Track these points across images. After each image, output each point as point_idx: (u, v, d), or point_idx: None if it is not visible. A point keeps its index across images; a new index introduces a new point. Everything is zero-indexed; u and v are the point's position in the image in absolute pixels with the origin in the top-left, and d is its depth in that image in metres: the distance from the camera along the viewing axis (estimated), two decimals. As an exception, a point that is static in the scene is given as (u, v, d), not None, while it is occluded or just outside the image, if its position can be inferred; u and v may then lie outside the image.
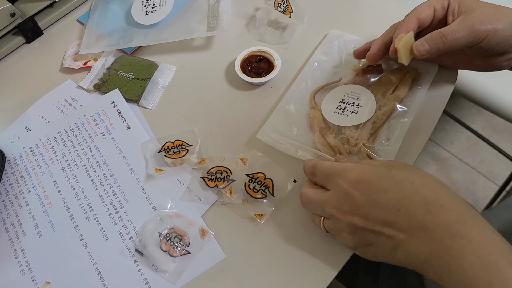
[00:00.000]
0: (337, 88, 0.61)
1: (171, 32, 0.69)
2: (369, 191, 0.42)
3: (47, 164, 0.60)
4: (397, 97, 0.59)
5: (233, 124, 0.63)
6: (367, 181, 0.42)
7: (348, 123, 0.58)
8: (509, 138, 1.57)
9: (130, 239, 0.54)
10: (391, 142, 0.57)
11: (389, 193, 0.41)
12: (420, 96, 0.60)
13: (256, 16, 0.71)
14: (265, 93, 0.65)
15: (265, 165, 0.58)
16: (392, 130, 0.58)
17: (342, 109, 0.59)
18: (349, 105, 0.59)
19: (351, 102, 0.59)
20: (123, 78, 0.66)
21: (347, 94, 0.60)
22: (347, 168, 0.44)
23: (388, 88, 0.60)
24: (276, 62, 0.65)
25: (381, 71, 0.63)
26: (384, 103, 0.59)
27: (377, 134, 0.58)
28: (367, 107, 0.58)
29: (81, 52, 0.69)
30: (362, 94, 0.59)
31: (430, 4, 0.53)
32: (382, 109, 0.58)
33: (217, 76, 0.67)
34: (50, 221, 0.56)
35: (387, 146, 0.57)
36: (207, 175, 0.57)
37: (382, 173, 0.43)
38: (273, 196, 0.55)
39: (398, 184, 0.41)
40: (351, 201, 0.43)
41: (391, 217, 0.40)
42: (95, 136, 0.62)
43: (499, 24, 0.49)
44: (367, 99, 0.59)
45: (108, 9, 0.74)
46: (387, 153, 0.56)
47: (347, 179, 0.43)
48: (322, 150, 0.57)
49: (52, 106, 0.66)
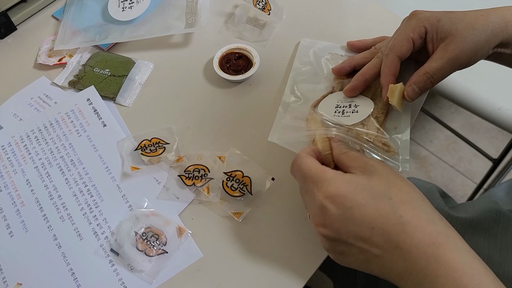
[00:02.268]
0: (328, 97, 0.60)
1: (148, 28, 0.68)
2: (344, 207, 0.40)
3: (20, 163, 0.59)
4: None
5: (211, 121, 0.62)
6: (342, 196, 0.40)
7: (353, 121, 0.57)
8: (486, 136, 1.60)
9: (105, 238, 0.53)
10: (400, 129, 0.56)
11: (364, 209, 0.40)
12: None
13: (235, 13, 0.70)
14: (244, 90, 0.65)
15: (243, 163, 0.57)
16: (397, 119, 0.58)
17: (341, 112, 0.58)
18: (346, 107, 0.58)
19: (348, 105, 0.58)
20: (99, 75, 0.65)
21: (339, 100, 0.59)
22: (325, 178, 0.42)
23: (376, 87, 0.60)
24: (255, 60, 0.64)
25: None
26: (378, 100, 0.59)
27: (384, 128, 0.57)
28: (365, 105, 0.58)
29: (55, 48, 0.68)
30: (354, 98, 0.59)
31: (407, 36, 0.52)
32: (378, 104, 0.58)
33: (195, 73, 0.67)
34: (22, 221, 0.55)
35: (398, 134, 0.56)
36: (185, 174, 0.56)
37: (361, 186, 0.41)
38: (251, 194, 0.54)
39: (375, 200, 0.40)
40: (324, 214, 0.41)
41: (365, 234, 0.40)
42: (69, 134, 0.61)
43: (480, 40, 0.49)
44: (362, 99, 0.58)
45: (84, 4, 0.73)
46: (401, 139, 0.55)
47: (323, 192, 0.41)
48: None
49: (25, 103, 0.64)
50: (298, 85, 0.63)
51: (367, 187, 0.41)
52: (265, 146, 0.59)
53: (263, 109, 0.63)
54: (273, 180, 0.56)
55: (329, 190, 0.41)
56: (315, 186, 0.42)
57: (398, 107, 0.54)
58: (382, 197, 0.40)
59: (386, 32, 0.69)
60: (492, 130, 1.61)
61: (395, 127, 0.57)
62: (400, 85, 0.53)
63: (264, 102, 0.63)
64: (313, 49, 0.66)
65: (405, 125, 0.57)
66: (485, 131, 1.61)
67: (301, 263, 0.51)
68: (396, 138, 0.56)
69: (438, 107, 1.66)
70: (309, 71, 0.64)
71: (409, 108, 0.59)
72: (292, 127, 0.58)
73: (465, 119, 1.64)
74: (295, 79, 0.63)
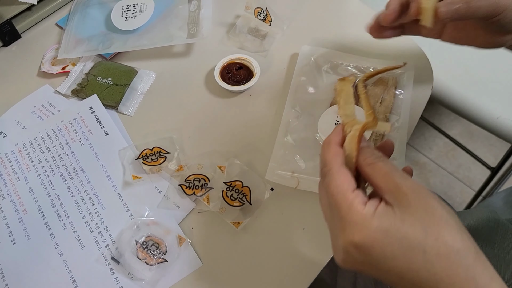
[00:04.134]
0: (328, 110, 0.61)
1: (151, 38, 0.69)
2: (370, 256, 0.35)
3: (23, 171, 0.60)
4: (387, 108, 0.60)
5: (211, 131, 0.63)
6: (369, 247, 0.35)
7: None
8: (485, 144, 1.61)
9: (106, 247, 0.54)
10: (395, 155, 0.57)
11: (393, 262, 0.35)
12: (407, 102, 0.62)
13: (236, 23, 0.71)
14: (244, 100, 0.66)
15: (243, 173, 0.58)
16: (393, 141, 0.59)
17: None
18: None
19: None
20: (101, 84, 0.66)
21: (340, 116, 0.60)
22: (351, 221, 0.36)
23: (375, 101, 0.61)
24: (256, 70, 0.65)
25: (364, 86, 0.63)
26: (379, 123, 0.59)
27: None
28: None
29: (59, 56, 0.69)
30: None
31: None
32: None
33: (197, 83, 0.67)
34: (24, 229, 0.56)
35: (393, 160, 0.57)
36: (185, 183, 0.57)
37: (392, 234, 0.35)
38: (250, 204, 0.55)
39: (407, 253, 0.34)
40: (346, 255, 0.36)
41: (392, 280, 0.35)
42: (72, 142, 0.61)
43: None
44: (361, 115, 0.59)
45: (88, 13, 0.74)
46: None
47: (345, 237, 0.36)
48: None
49: (28, 111, 0.65)
50: (299, 98, 0.64)
51: (399, 236, 0.35)
52: (264, 156, 0.60)
53: (264, 119, 0.63)
54: (272, 191, 0.56)
55: (354, 238, 0.35)
56: (339, 222, 0.37)
57: (429, 18, 0.47)
58: (415, 250, 0.34)
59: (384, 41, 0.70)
60: (491, 137, 1.61)
61: (393, 157, 0.58)
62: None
63: (265, 112, 0.64)
64: (313, 57, 0.67)
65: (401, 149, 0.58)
66: (484, 139, 1.62)
67: (299, 272, 0.52)
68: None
69: (437, 114, 1.67)
70: (309, 82, 0.65)
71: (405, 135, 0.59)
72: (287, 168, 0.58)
73: (464, 127, 1.64)
74: (295, 91, 0.64)
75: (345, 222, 0.36)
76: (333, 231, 0.38)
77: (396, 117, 0.61)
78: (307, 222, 0.55)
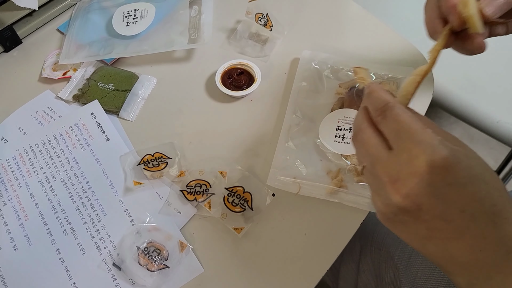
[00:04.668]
0: (329, 115, 0.61)
1: (152, 43, 0.69)
2: (444, 182, 0.33)
3: (24, 176, 0.59)
4: None
5: (213, 136, 0.63)
6: (448, 169, 0.33)
7: (352, 151, 0.57)
8: (485, 147, 1.61)
9: (107, 253, 0.54)
10: None
11: (462, 190, 0.33)
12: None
13: (237, 28, 0.72)
14: (245, 106, 0.66)
15: (244, 178, 0.58)
16: None
17: (342, 137, 0.58)
18: (347, 131, 0.59)
19: (348, 128, 0.59)
20: (103, 89, 0.66)
21: (341, 120, 0.60)
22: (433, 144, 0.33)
23: None
24: (257, 76, 0.65)
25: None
26: None
27: None
28: None
29: (60, 62, 0.69)
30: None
31: None
32: None
33: (198, 88, 0.68)
34: (26, 235, 0.55)
35: None
36: (186, 189, 0.57)
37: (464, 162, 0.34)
38: (252, 210, 0.55)
39: (473, 181, 0.34)
40: (414, 183, 0.33)
41: (450, 215, 0.34)
42: (73, 148, 0.61)
43: None
44: None
45: (89, 19, 0.74)
46: None
47: (428, 158, 0.33)
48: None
49: (30, 117, 0.65)
50: (300, 103, 0.64)
51: (468, 166, 0.34)
52: (265, 162, 0.60)
53: (265, 124, 0.63)
54: (273, 196, 0.56)
55: (435, 158, 0.33)
56: (415, 145, 0.34)
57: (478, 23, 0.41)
58: (479, 179, 0.34)
59: (384, 46, 0.70)
60: (491, 141, 1.61)
61: None
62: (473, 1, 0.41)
63: (266, 118, 0.64)
64: (314, 62, 0.67)
65: None
66: (484, 142, 1.62)
67: (301, 279, 0.52)
68: None
69: (437, 117, 1.67)
70: (310, 87, 0.65)
71: None
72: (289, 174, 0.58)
73: (464, 130, 1.64)
74: (296, 96, 0.64)
75: (424, 139, 0.34)
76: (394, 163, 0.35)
77: None
78: (309, 228, 0.55)
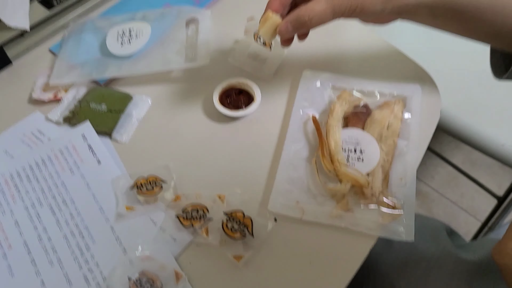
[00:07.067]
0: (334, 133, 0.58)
1: (147, 63, 0.67)
2: None
3: (8, 202, 0.56)
4: (394, 132, 0.58)
5: (210, 158, 0.60)
6: None
7: (359, 172, 0.55)
8: (488, 172, 1.58)
9: (96, 285, 0.49)
10: (405, 182, 0.54)
11: None
12: (415, 125, 0.59)
13: (236, 47, 0.69)
14: (245, 126, 0.63)
15: (244, 203, 0.54)
16: (402, 168, 0.56)
17: (346, 158, 0.56)
18: (351, 152, 0.56)
19: (352, 149, 0.56)
20: (95, 110, 0.63)
21: (345, 140, 0.57)
22: None
23: (382, 126, 0.58)
24: (256, 95, 0.63)
25: (369, 110, 0.61)
26: (384, 142, 0.57)
27: (388, 178, 0.55)
28: (371, 151, 0.56)
29: (51, 82, 0.66)
30: (360, 138, 0.57)
31: None
32: (384, 149, 0.56)
33: (195, 109, 0.65)
34: (8, 265, 0.51)
35: (403, 187, 0.54)
36: (182, 214, 0.53)
37: None
38: (252, 236, 0.51)
39: None
40: None
41: None
42: (62, 172, 0.58)
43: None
44: (368, 141, 0.57)
45: (82, 39, 0.71)
46: (406, 194, 0.53)
47: None
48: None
49: (17, 140, 0.61)
50: (300, 124, 0.61)
51: None
52: (266, 185, 0.56)
53: (265, 145, 0.60)
54: (275, 221, 0.53)
55: None
56: None
57: (265, 37, 0.54)
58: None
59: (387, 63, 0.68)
60: (493, 166, 1.59)
61: (400, 178, 0.55)
62: (276, 17, 0.53)
63: (266, 138, 0.61)
64: (315, 81, 0.65)
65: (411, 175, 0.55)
66: (487, 167, 1.59)
67: (306, 311, 0.48)
68: (401, 193, 0.54)
69: (438, 142, 1.65)
70: (311, 107, 0.63)
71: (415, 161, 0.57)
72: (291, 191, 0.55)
73: (465, 155, 1.62)
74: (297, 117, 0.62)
75: None
76: None
77: (404, 142, 0.58)
78: (314, 256, 0.51)
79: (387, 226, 0.52)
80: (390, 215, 0.52)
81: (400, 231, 0.51)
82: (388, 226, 0.52)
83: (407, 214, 0.52)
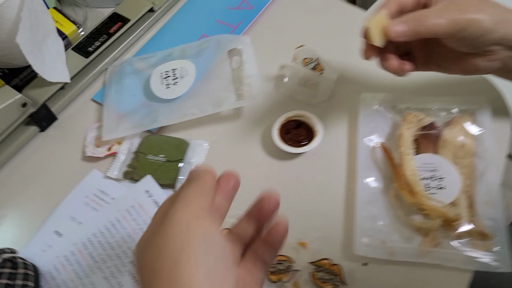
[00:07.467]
0: (406, 161, 0.56)
1: (197, 104, 0.64)
2: None
3: (87, 274, 0.55)
4: (469, 151, 0.55)
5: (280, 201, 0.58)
6: None
7: (441, 202, 0.53)
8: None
9: None
10: (492, 205, 0.52)
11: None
12: (489, 140, 0.57)
13: (285, 75, 0.66)
14: (309, 161, 0.61)
15: (327, 248, 0.53)
16: (485, 189, 0.53)
17: (427, 188, 0.54)
18: (431, 180, 0.54)
19: (430, 176, 0.54)
20: (153, 162, 0.61)
21: (420, 168, 0.55)
22: None
23: (455, 146, 0.55)
24: (318, 127, 0.60)
25: (439, 131, 0.58)
26: (461, 164, 0.54)
27: (473, 204, 0.53)
28: (450, 177, 0.53)
29: (104, 138, 0.64)
30: (436, 163, 0.55)
31: None
32: (463, 172, 0.54)
33: (254, 148, 0.63)
34: None
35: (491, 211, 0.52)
36: (269, 268, 0.51)
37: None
38: (345, 284, 0.50)
39: None
40: None
41: None
42: (134, 233, 0.57)
43: (482, 15, 0.46)
44: (445, 166, 0.54)
45: (124, 84, 0.69)
46: (495, 219, 0.51)
47: None
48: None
49: (81, 203, 0.60)
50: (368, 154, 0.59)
51: None
52: (345, 224, 0.54)
53: (334, 180, 0.58)
54: (365, 265, 0.51)
55: None
56: None
57: (374, 36, 0.48)
58: None
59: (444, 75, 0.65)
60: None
61: (486, 201, 0.53)
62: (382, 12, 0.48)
63: (334, 172, 0.59)
64: (375, 104, 0.62)
65: (497, 197, 0.53)
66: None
67: None
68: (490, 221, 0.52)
69: None
70: (375, 132, 0.60)
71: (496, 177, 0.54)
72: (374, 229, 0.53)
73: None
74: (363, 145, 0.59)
75: None
76: None
77: (481, 160, 0.55)
78: (410, 297, 0.50)
79: (481, 258, 0.50)
80: (483, 245, 0.50)
81: (495, 262, 0.49)
82: (481, 258, 0.50)
83: (501, 241, 0.50)
